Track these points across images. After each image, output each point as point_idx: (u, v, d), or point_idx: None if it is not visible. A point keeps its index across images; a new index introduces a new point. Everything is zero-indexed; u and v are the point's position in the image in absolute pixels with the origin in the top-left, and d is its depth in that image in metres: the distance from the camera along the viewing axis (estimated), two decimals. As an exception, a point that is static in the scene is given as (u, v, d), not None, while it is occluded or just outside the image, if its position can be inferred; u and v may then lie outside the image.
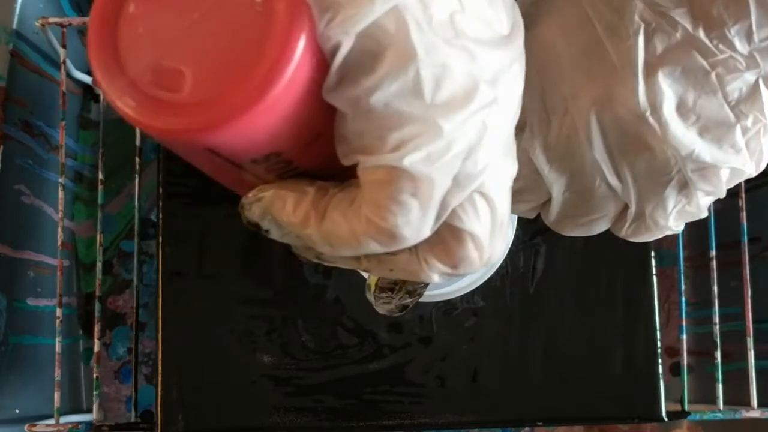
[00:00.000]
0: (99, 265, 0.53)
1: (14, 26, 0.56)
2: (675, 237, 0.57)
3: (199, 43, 0.21)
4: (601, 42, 0.29)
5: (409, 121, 0.22)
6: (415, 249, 0.24)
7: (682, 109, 0.28)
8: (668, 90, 0.28)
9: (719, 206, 0.34)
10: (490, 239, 0.24)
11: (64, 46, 0.55)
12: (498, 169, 0.24)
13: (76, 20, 0.55)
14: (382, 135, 0.22)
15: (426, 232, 0.23)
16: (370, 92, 0.21)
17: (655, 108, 0.28)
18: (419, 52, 0.21)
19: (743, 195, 0.55)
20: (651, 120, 0.28)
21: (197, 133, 0.21)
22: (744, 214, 0.55)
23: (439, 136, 0.22)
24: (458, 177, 0.23)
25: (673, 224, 0.31)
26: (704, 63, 0.28)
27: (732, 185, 0.30)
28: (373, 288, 0.31)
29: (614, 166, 0.30)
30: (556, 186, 0.31)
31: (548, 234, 0.52)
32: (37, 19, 0.54)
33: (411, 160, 0.22)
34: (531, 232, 0.52)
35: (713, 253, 0.55)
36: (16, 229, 0.58)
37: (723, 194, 0.30)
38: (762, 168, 0.30)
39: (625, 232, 0.32)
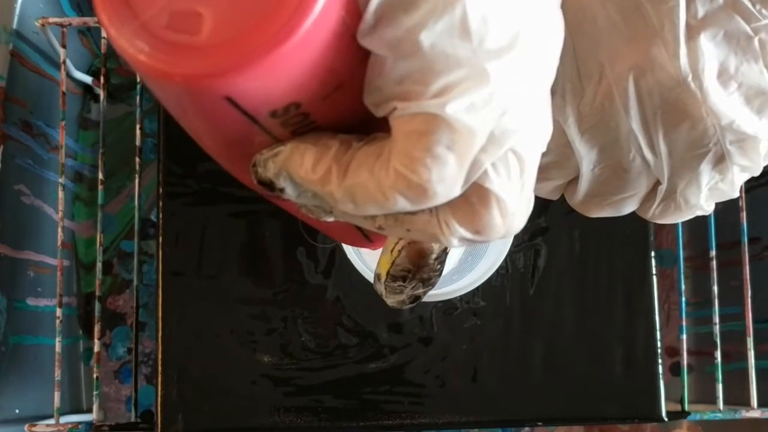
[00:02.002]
0: (99, 265, 0.53)
1: (14, 26, 0.56)
2: (675, 237, 0.57)
3: None
4: (640, 3, 0.27)
5: (455, 65, 0.20)
6: (435, 210, 0.22)
7: (723, 75, 0.27)
8: (710, 55, 0.26)
9: (719, 206, 0.33)
10: (517, 205, 0.22)
11: (64, 46, 0.55)
12: (535, 127, 0.22)
13: (76, 20, 0.55)
14: (426, 79, 0.20)
15: (457, 190, 0.21)
16: (413, 32, 0.20)
17: (697, 73, 0.27)
18: None
19: (743, 195, 0.55)
20: (692, 86, 0.27)
21: (220, 77, 0.19)
22: (744, 214, 0.55)
23: (485, 82, 0.20)
24: (494, 132, 0.21)
25: (704, 203, 0.30)
26: (747, 28, 0.26)
27: None
28: (383, 277, 0.29)
29: (648, 137, 0.28)
30: (587, 160, 0.30)
31: (548, 234, 0.52)
32: (37, 19, 0.54)
33: (454, 108, 0.20)
34: (531, 232, 0.52)
35: (713, 253, 0.55)
36: (16, 229, 0.58)
37: (759, 171, 0.29)
38: None
39: (652, 213, 0.31)
